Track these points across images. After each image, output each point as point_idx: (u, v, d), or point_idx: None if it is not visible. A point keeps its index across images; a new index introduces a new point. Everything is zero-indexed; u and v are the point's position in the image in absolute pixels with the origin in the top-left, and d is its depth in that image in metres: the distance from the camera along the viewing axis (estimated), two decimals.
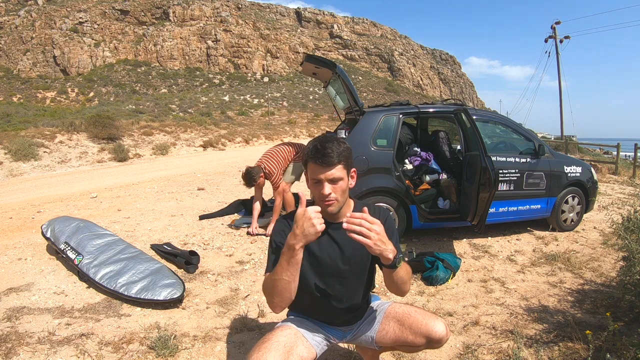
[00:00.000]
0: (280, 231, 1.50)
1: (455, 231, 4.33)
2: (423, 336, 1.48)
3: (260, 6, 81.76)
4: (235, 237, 4.00)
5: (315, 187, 1.41)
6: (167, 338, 2.14)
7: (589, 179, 4.53)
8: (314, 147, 1.39)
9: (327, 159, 1.36)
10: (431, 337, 1.47)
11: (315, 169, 1.38)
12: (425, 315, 1.52)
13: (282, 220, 1.55)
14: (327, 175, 1.37)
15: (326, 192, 1.38)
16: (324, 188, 1.38)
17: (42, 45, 56.56)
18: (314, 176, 1.40)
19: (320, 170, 1.37)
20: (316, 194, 1.42)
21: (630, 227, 2.46)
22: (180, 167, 10.12)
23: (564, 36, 20.23)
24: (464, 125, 3.83)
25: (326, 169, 1.37)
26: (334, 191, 1.39)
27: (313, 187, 1.42)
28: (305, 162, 1.43)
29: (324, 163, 1.36)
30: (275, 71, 65.92)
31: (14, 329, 2.25)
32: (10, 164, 9.60)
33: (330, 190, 1.39)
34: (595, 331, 2.12)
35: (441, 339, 1.47)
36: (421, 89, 77.85)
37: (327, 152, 1.36)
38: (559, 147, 14.67)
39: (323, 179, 1.38)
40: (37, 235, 3.80)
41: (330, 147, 1.37)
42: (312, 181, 1.42)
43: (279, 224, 1.54)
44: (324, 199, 1.40)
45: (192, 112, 32.47)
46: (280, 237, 1.48)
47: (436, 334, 1.46)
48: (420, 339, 1.48)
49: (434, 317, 1.51)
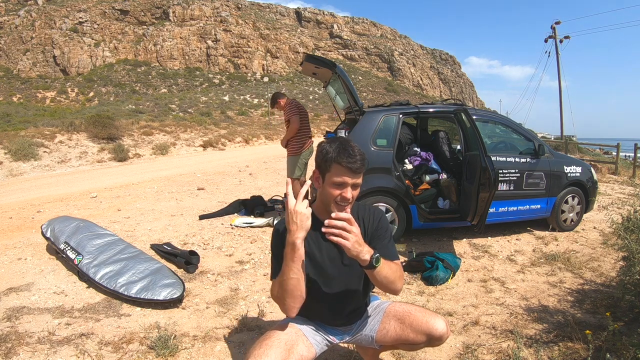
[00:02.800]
0: (278, 237, 1.51)
1: (455, 231, 4.33)
2: (424, 334, 1.48)
3: (260, 6, 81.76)
4: (235, 237, 4.00)
5: (336, 189, 1.40)
6: (167, 338, 2.14)
7: (588, 179, 4.53)
8: (344, 151, 1.38)
9: (359, 166, 1.37)
10: (432, 334, 1.47)
11: (343, 172, 1.37)
12: (426, 313, 1.53)
13: (282, 223, 1.54)
14: (355, 181, 1.39)
15: (349, 197, 1.39)
16: (347, 192, 1.39)
17: (42, 45, 56.54)
18: (339, 179, 1.38)
19: (349, 175, 1.37)
20: (334, 196, 1.40)
21: (630, 227, 2.45)
22: (180, 167, 10.12)
23: (563, 36, 20.25)
24: (463, 125, 3.83)
25: (355, 175, 1.38)
26: (352, 196, 1.41)
27: (332, 188, 1.40)
28: (329, 163, 1.40)
29: (356, 169, 1.37)
30: (275, 71, 65.91)
31: (14, 329, 2.25)
32: (10, 164, 9.60)
33: (351, 195, 1.40)
34: (595, 331, 2.13)
35: (442, 336, 1.48)
36: (421, 89, 77.84)
37: (358, 159, 1.37)
38: (559, 147, 14.67)
39: (349, 184, 1.39)
40: (37, 235, 3.80)
41: (361, 154, 1.39)
42: (334, 182, 1.39)
43: (279, 228, 1.54)
44: (342, 202, 1.40)
45: (192, 112, 32.49)
46: (280, 241, 1.48)
47: (437, 332, 1.47)
48: (421, 337, 1.49)
49: (434, 315, 1.52)
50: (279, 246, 1.48)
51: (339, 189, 1.39)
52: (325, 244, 1.50)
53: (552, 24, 20.05)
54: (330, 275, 1.52)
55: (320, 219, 1.50)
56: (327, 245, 1.50)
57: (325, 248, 1.50)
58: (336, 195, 1.40)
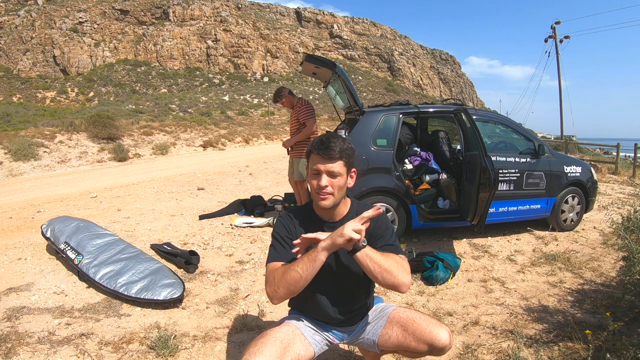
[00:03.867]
0: (282, 225, 1.55)
1: (455, 231, 4.33)
2: (426, 344, 1.45)
3: (260, 6, 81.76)
4: (235, 237, 4.00)
5: (314, 178, 1.46)
6: (167, 338, 2.14)
7: (588, 179, 4.53)
8: (319, 140, 1.46)
9: (330, 152, 1.41)
10: (434, 345, 1.44)
11: (317, 160, 1.44)
12: (430, 322, 1.49)
13: (285, 215, 1.59)
14: (327, 167, 1.42)
15: (323, 184, 1.42)
16: (321, 179, 1.43)
17: (42, 45, 56.52)
18: (314, 167, 1.45)
19: (321, 162, 1.43)
20: (313, 186, 1.46)
21: (630, 227, 2.45)
22: (180, 167, 10.12)
23: (564, 36, 20.25)
24: (464, 125, 3.83)
25: (327, 161, 1.42)
26: (330, 185, 1.43)
27: (311, 178, 1.47)
28: (309, 154, 1.48)
29: (325, 155, 1.41)
30: (275, 71, 65.91)
31: (14, 329, 2.25)
32: (10, 164, 9.60)
33: (327, 183, 1.43)
34: (595, 331, 2.13)
35: (444, 347, 1.45)
36: (421, 89, 77.83)
37: (330, 146, 1.41)
38: (559, 147, 14.67)
39: (322, 171, 1.43)
40: (37, 235, 3.80)
41: (335, 142, 1.43)
42: (311, 172, 1.46)
43: (283, 218, 1.58)
44: (319, 191, 1.44)
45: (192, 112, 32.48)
46: (284, 230, 1.53)
47: (439, 343, 1.44)
48: (423, 346, 1.46)
49: (438, 325, 1.48)
50: (276, 235, 1.52)
51: (315, 178, 1.45)
52: None
53: (552, 24, 20.06)
54: (330, 275, 1.51)
55: (318, 215, 1.56)
56: None
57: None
58: (314, 185, 1.45)
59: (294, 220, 1.56)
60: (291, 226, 1.54)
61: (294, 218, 1.57)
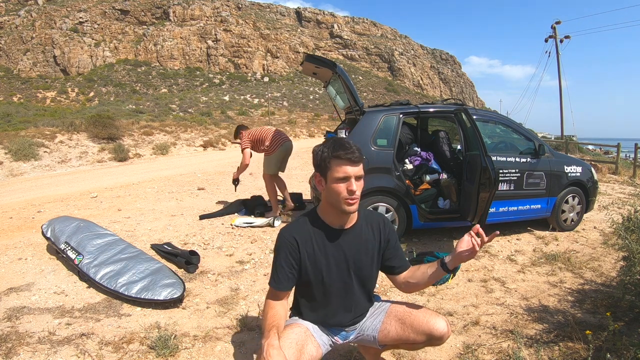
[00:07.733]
0: (288, 244, 1.46)
1: (455, 231, 4.33)
2: (424, 334, 1.48)
3: (260, 6, 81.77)
4: (235, 237, 4.00)
5: (340, 185, 1.38)
6: (167, 338, 2.14)
7: (589, 179, 4.52)
8: (339, 145, 1.38)
9: (357, 155, 1.37)
10: (432, 334, 1.47)
11: (343, 165, 1.37)
12: (427, 313, 1.53)
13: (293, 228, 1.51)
14: (357, 172, 1.38)
15: (355, 189, 1.38)
16: (352, 185, 1.37)
17: (42, 45, 56.54)
18: (341, 174, 1.37)
19: (349, 167, 1.37)
20: (340, 193, 1.38)
21: (631, 227, 2.45)
22: (180, 167, 10.12)
23: (564, 36, 20.24)
24: (464, 125, 3.83)
25: (355, 165, 1.38)
26: (358, 189, 1.40)
27: (337, 185, 1.38)
28: (327, 161, 1.39)
29: (354, 159, 1.37)
30: (275, 71, 65.90)
31: (14, 329, 2.25)
32: (11, 164, 9.60)
33: (357, 187, 1.39)
34: (595, 331, 2.12)
35: (442, 336, 1.48)
36: (421, 89, 77.83)
37: (354, 149, 1.38)
38: (559, 147, 14.67)
39: (352, 176, 1.38)
40: (37, 235, 3.80)
41: (352, 144, 1.39)
42: (336, 180, 1.38)
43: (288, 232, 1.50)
44: (349, 197, 1.38)
45: (192, 112, 32.48)
46: (289, 250, 1.45)
47: (437, 332, 1.47)
48: (422, 337, 1.49)
49: (435, 315, 1.52)
50: (280, 252, 1.46)
51: (343, 184, 1.38)
52: (332, 248, 1.48)
53: (553, 23, 20.06)
54: (336, 280, 1.51)
55: (325, 222, 1.49)
56: (333, 249, 1.49)
57: (331, 252, 1.49)
58: (343, 191, 1.38)
59: (303, 233, 1.48)
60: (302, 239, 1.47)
61: (301, 230, 1.48)
